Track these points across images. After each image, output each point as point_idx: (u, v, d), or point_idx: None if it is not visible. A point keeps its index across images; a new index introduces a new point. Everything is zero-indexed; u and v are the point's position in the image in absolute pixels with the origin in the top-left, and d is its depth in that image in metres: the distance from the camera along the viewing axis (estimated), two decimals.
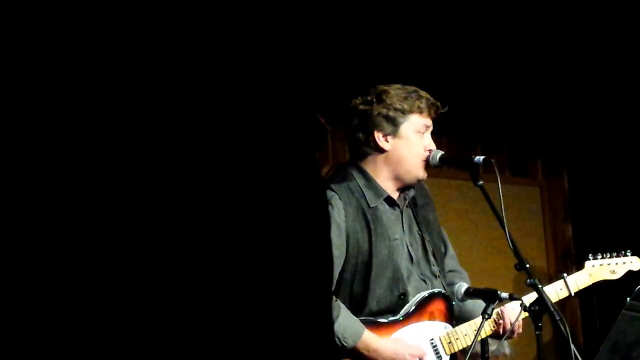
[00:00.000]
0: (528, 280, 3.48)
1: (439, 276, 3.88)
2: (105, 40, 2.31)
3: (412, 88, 3.84)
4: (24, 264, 2.15)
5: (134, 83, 2.42)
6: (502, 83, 6.00)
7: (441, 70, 5.44)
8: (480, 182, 3.66)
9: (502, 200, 3.56)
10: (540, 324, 3.48)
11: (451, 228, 6.09)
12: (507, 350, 5.01)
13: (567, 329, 3.39)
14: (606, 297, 4.24)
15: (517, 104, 6.20)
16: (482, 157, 3.69)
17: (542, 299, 3.46)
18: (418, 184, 3.90)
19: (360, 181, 3.80)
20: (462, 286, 3.75)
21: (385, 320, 3.74)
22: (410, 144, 3.79)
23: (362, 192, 3.79)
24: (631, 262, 4.14)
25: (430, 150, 3.82)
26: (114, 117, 2.36)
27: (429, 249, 3.89)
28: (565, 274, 4.00)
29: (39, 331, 2.16)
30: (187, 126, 2.47)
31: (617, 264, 4.12)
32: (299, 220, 2.71)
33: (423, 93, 3.84)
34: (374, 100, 3.79)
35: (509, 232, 3.52)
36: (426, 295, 3.80)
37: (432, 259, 3.88)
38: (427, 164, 3.83)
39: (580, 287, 4.06)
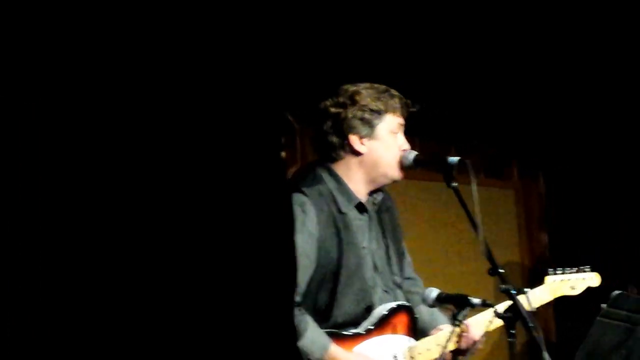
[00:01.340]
0: (501, 286, 3.40)
1: (401, 286, 3.82)
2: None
3: (382, 87, 3.78)
4: (23, 263, 2.14)
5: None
6: (477, 84, 5.95)
7: (415, 69, 5.39)
8: (454, 184, 3.58)
9: (476, 203, 3.47)
10: (513, 331, 3.39)
11: (422, 231, 6.06)
12: None
13: (541, 337, 3.32)
14: (581, 304, 4.20)
15: (493, 106, 6.16)
16: (456, 158, 3.61)
17: (515, 306, 3.38)
18: (382, 196, 3.84)
19: (331, 184, 3.70)
20: (433, 291, 3.66)
21: (348, 333, 3.65)
22: (386, 145, 3.73)
23: (333, 196, 3.69)
24: (591, 278, 4.10)
25: (404, 150, 3.75)
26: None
27: (392, 257, 3.83)
28: (527, 289, 3.92)
29: (38, 331, 2.15)
30: (142, 120, 2.38)
31: (576, 279, 4.08)
32: (261, 221, 2.66)
33: (394, 91, 3.77)
34: (347, 102, 3.71)
35: (482, 236, 3.43)
36: (390, 308, 3.72)
37: (394, 268, 3.82)
38: (401, 165, 3.75)
39: (542, 303, 4.01)
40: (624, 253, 6.25)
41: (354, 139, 3.71)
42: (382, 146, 3.72)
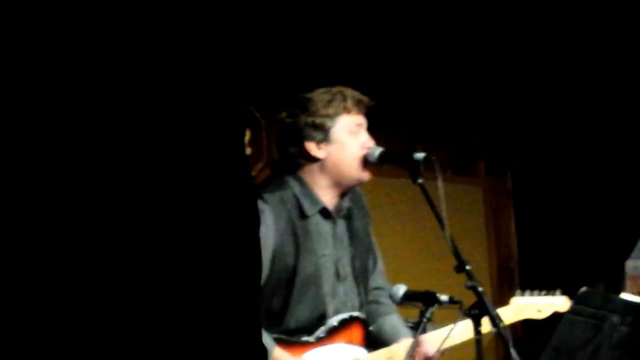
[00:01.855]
0: (467, 282, 3.39)
1: (361, 295, 3.78)
2: None
3: (336, 89, 3.72)
4: (22, 263, 2.09)
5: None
6: (444, 80, 5.94)
7: (382, 65, 5.36)
8: (420, 180, 3.54)
9: (442, 200, 3.44)
10: (479, 328, 3.38)
11: (388, 228, 6.04)
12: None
13: (508, 334, 3.30)
14: None
15: (460, 102, 6.15)
16: (422, 155, 3.58)
17: (482, 302, 3.36)
18: (355, 194, 3.81)
19: (296, 189, 3.67)
20: (400, 288, 3.63)
21: (298, 340, 3.62)
22: (344, 146, 3.68)
23: (298, 200, 3.65)
24: (559, 302, 4.04)
25: (368, 147, 3.70)
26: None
27: (357, 265, 3.79)
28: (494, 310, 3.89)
29: (37, 331, 2.11)
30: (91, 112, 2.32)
31: (544, 304, 4.03)
32: (224, 221, 2.60)
33: (348, 91, 3.71)
34: (299, 110, 3.69)
35: (449, 233, 3.40)
36: (344, 318, 3.69)
37: (360, 277, 3.78)
38: (366, 162, 3.70)
39: (506, 323, 3.94)
40: (591, 249, 6.26)
41: (310, 146, 3.68)
42: (340, 148, 3.68)
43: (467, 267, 3.40)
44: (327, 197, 3.71)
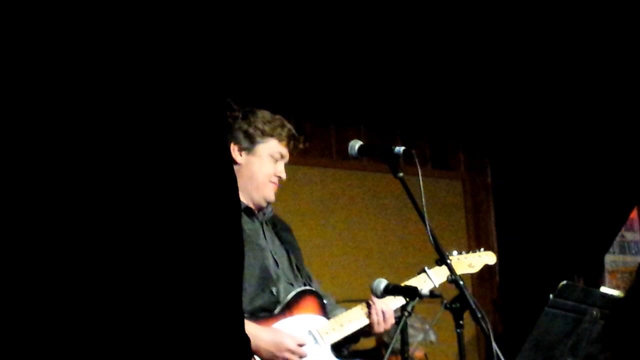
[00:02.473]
0: (449, 277, 3.38)
1: (303, 281, 3.87)
2: None
3: (279, 117, 3.89)
4: (16, 264, 2.08)
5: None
6: (423, 72, 5.92)
7: (363, 57, 5.34)
8: (400, 174, 3.54)
9: (422, 193, 3.43)
10: (461, 322, 3.38)
11: (370, 222, 6.04)
12: (433, 338, 5.05)
13: (489, 327, 3.29)
14: (528, 294, 4.22)
15: (439, 95, 6.14)
16: (402, 148, 3.57)
17: (463, 296, 3.35)
18: (276, 216, 3.94)
19: None
20: (381, 282, 3.64)
21: (259, 317, 3.66)
22: (262, 163, 3.82)
23: None
24: (487, 254, 4.26)
25: (279, 178, 3.84)
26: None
27: (293, 262, 3.89)
28: (426, 267, 3.95)
29: (36, 331, 2.09)
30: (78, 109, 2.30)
31: (473, 257, 4.21)
32: (207, 212, 2.60)
33: (287, 124, 3.88)
34: (240, 115, 3.84)
35: (429, 227, 3.40)
36: (298, 291, 3.77)
37: (296, 271, 3.88)
38: (276, 190, 3.84)
39: (442, 281, 4.01)
40: (571, 243, 6.27)
41: (233, 148, 3.80)
42: (258, 163, 3.82)
43: (448, 261, 3.40)
44: (247, 200, 3.81)
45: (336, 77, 3.78)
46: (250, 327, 3.56)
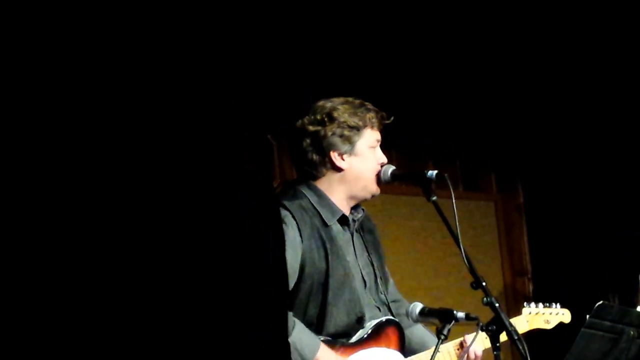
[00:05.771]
0: (484, 299, 3.38)
1: (387, 304, 3.81)
2: None
3: (357, 101, 3.76)
4: (21, 264, 2.13)
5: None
6: (454, 96, 5.94)
7: (391, 81, 5.37)
8: (434, 198, 3.56)
9: (456, 216, 3.45)
10: (498, 344, 3.37)
11: (403, 246, 6.03)
12: None
13: (526, 349, 3.29)
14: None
15: (470, 117, 6.14)
16: (434, 172, 3.60)
17: (499, 318, 3.35)
18: (364, 212, 3.84)
19: (313, 199, 3.70)
20: (417, 306, 3.63)
21: (337, 343, 3.62)
22: (365, 160, 3.73)
23: (316, 210, 3.68)
24: (563, 314, 4.26)
25: (382, 164, 3.74)
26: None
27: (378, 275, 3.82)
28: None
29: (36, 331, 2.14)
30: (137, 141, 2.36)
31: (550, 314, 4.22)
32: (252, 239, 2.65)
33: (369, 105, 3.76)
34: (325, 119, 3.69)
35: (464, 249, 3.40)
36: (382, 321, 3.70)
37: (380, 286, 3.81)
38: (379, 179, 3.74)
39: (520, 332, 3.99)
40: (605, 262, 6.24)
41: (334, 156, 3.70)
42: (362, 162, 3.72)
43: (484, 284, 3.39)
44: (344, 207, 3.75)
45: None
46: (327, 355, 3.56)
